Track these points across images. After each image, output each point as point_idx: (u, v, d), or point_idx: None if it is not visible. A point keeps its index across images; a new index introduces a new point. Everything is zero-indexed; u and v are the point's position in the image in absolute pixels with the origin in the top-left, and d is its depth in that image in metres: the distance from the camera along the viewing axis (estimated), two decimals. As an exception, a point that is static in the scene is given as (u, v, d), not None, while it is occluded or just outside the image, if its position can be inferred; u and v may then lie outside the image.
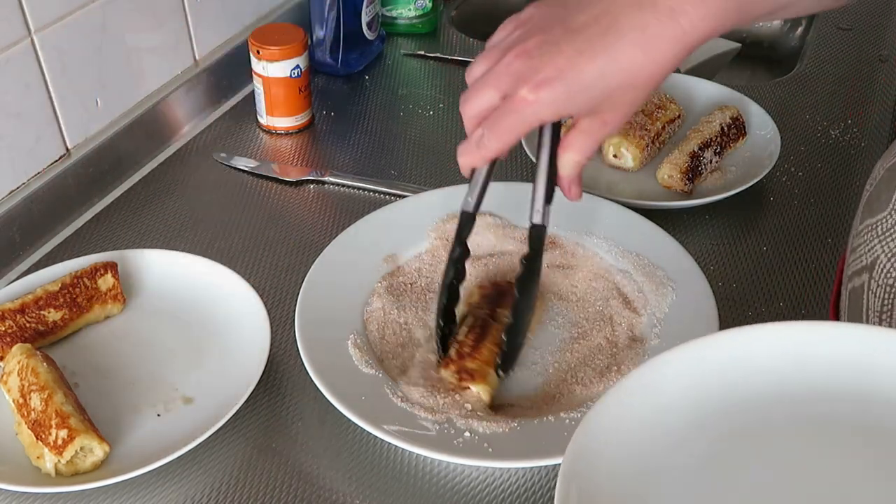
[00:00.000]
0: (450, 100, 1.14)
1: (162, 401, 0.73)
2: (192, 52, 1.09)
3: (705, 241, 0.90)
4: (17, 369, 0.70)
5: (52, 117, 0.92)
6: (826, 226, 0.92)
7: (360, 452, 0.71)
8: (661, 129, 0.99)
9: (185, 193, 0.98)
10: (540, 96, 0.59)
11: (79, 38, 0.92)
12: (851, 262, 0.64)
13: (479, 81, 0.63)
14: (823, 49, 1.22)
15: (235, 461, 0.70)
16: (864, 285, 0.61)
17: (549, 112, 0.61)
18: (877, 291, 0.59)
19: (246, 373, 0.73)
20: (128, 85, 1.01)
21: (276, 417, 0.73)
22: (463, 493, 0.68)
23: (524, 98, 0.59)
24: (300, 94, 1.06)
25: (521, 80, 0.59)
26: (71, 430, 0.65)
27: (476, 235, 0.86)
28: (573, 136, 0.64)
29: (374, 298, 0.81)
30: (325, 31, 1.15)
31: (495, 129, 0.62)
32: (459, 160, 0.67)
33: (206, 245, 0.91)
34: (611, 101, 0.60)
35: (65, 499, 0.68)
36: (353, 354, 0.74)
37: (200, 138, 1.07)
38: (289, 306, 0.82)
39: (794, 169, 1.00)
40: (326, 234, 0.91)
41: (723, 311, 0.76)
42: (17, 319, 0.75)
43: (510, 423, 0.69)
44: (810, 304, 0.83)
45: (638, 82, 0.60)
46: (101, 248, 0.90)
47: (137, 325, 0.80)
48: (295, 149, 1.06)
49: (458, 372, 0.72)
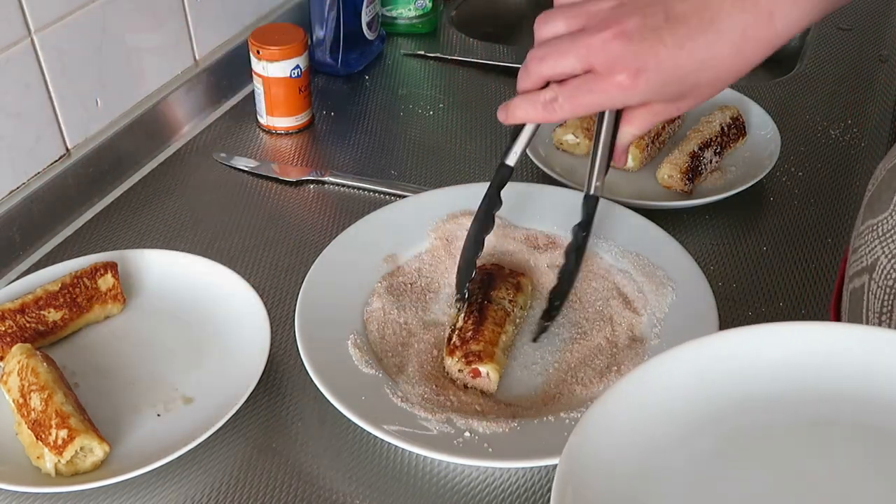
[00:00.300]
0: (450, 100, 1.14)
1: (162, 401, 0.73)
2: (192, 52, 1.09)
3: (705, 241, 0.90)
4: (17, 369, 0.70)
5: (52, 117, 0.92)
6: (826, 226, 0.92)
7: (360, 452, 0.71)
8: (661, 129, 0.99)
9: (185, 193, 0.98)
10: (636, 84, 0.59)
11: (79, 38, 0.92)
12: (852, 262, 0.64)
13: (562, 43, 0.62)
14: (823, 49, 1.22)
15: (235, 461, 0.70)
16: (864, 286, 0.61)
17: (638, 99, 0.61)
18: (877, 293, 0.59)
19: (246, 373, 0.73)
20: (128, 85, 1.01)
21: (276, 417, 0.73)
22: (463, 493, 0.68)
23: (619, 83, 0.59)
24: (300, 94, 1.06)
25: (618, 64, 0.59)
26: (71, 430, 0.65)
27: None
28: (639, 113, 0.65)
29: (374, 298, 0.81)
30: (325, 31, 1.15)
31: (575, 99, 0.62)
32: (517, 112, 0.66)
33: (206, 245, 0.91)
34: (693, 92, 0.62)
35: (65, 499, 0.68)
36: (353, 354, 0.74)
37: (200, 138, 1.07)
38: (289, 306, 0.82)
39: (794, 169, 1.00)
40: (326, 234, 0.91)
41: (723, 311, 0.76)
42: (17, 319, 0.75)
43: (510, 423, 0.69)
44: (810, 304, 0.83)
45: (725, 77, 0.61)
46: (101, 248, 0.90)
47: (137, 325, 0.80)
48: (295, 149, 1.06)
49: (464, 356, 0.72)
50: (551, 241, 0.86)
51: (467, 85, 1.18)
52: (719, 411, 0.51)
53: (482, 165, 1.02)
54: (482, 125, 1.09)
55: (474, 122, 1.10)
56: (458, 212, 0.88)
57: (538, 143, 1.01)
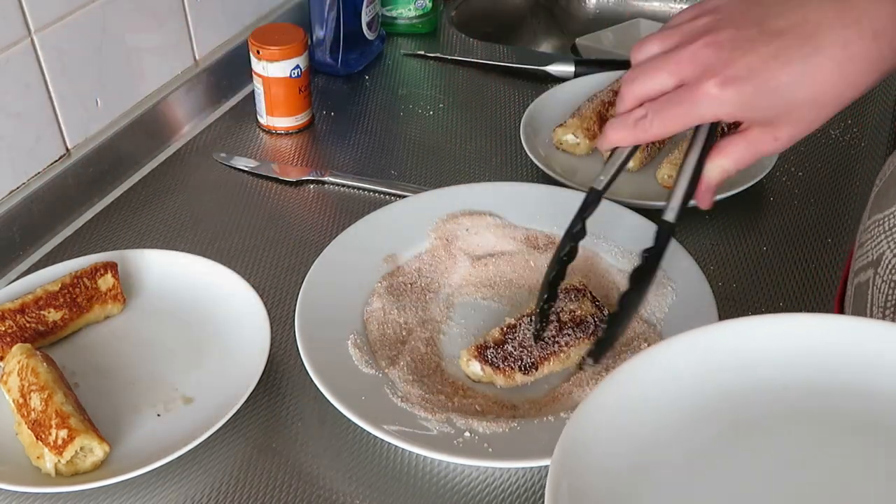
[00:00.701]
0: (450, 100, 1.14)
1: (162, 401, 0.73)
2: (192, 52, 1.09)
3: (705, 241, 0.90)
4: (17, 369, 0.70)
5: (52, 117, 0.92)
6: (826, 226, 0.92)
7: (360, 452, 0.71)
8: (661, 129, 0.99)
9: (185, 193, 0.98)
10: (725, 92, 0.56)
11: (79, 38, 0.92)
12: (858, 257, 0.63)
13: (654, 62, 0.60)
14: (823, 49, 1.22)
15: (235, 461, 0.70)
16: (869, 281, 0.60)
17: (728, 111, 0.58)
18: (881, 287, 0.59)
19: (246, 373, 0.73)
20: (128, 85, 1.01)
21: (276, 417, 0.73)
22: (463, 493, 0.68)
23: (707, 91, 0.57)
24: (300, 94, 1.06)
25: (707, 72, 0.57)
26: (71, 430, 0.65)
27: (475, 236, 0.87)
28: (735, 143, 0.61)
29: (374, 298, 0.81)
30: (325, 31, 1.15)
31: (663, 114, 0.59)
32: (609, 135, 0.63)
33: (206, 245, 0.91)
34: (791, 115, 0.58)
35: (65, 499, 0.68)
36: (353, 354, 0.74)
37: (200, 138, 1.07)
38: (289, 306, 0.82)
39: (794, 169, 1.00)
40: (326, 234, 0.91)
41: (723, 311, 0.76)
42: (17, 319, 0.75)
43: (510, 423, 0.69)
44: (810, 304, 0.83)
45: (826, 100, 0.57)
46: (101, 248, 0.90)
47: (137, 325, 0.80)
48: (295, 149, 1.06)
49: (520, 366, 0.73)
50: (551, 241, 0.86)
51: (467, 85, 1.18)
52: (716, 404, 0.51)
53: (482, 165, 1.02)
54: (482, 125, 1.09)
55: (474, 122, 1.10)
56: (458, 212, 0.88)
57: (538, 143, 1.01)
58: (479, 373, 0.73)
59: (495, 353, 0.73)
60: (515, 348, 0.73)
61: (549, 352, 0.74)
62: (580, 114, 1.01)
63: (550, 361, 0.74)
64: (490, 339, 0.74)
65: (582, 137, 1.00)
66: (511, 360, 0.73)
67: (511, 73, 1.19)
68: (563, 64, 1.18)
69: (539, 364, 0.73)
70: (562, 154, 1.01)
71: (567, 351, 0.74)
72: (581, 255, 0.84)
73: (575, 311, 0.76)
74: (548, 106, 1.06)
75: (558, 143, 1.01)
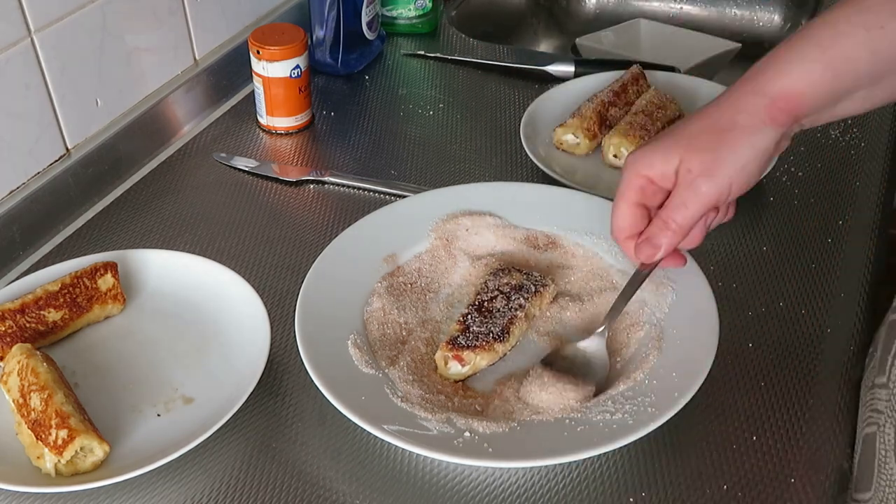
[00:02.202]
0: (450, 100, 1.14)
1: (162, 401, 0.73)
2: (192, 52, 1.09)
3: (705, 241, 0.89)
4: (17, 369, 0.70)
5: (52, 117, 0.92)
6: (826, 226, 0.92)
7: (360, 452, 0.71)
8: (661, 129, 0.99)
9: (185, 193, 0.98)
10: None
11: (79, 38, 0.92)
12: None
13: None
14: (823, 49, 1.22)
15: (235, 461, 0.70)
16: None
17: None
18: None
19: (246, 373, 0.73)
20: (128, 85, 1.01)
21: (276, 417, 0.73)
22: (463, 493, 0.68)
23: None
24: (300, 94, 1.06)
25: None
26: (71, 430, 0.65)
27: (476, 236, 0.87)
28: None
29: (374, 298, 0.81)
30: (325, 31, 1.15)
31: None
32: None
33: (206, 245, 0.91)
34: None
35: (65, 499, 0.68)
36: (353, 354, 0.74)
37: (200, 138, 1.07)
38: (289, 306, 0.82)
39: (794, 169, 1.00)
40: (326, 234, 0.91)
41: (723, 311, 0.76)
42: (17, 319, 0.75)
43: (510, 423, 0.69)
44: (810, 305, 0.83)
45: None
46: (101, 248, 0.90)
47: (137, 325, 0.80)
48: (295, 149, 1.06)
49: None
50: (551, 241, 0.86)
51: (467, 85, 1.18)
52: None
53: (482, 165, 1.02)
54: (482, 125, 1.09)
55: (474, 122, 1.10)
56: (458, 212, 0.88)
57: (538, 143, 1.01)
58: (460, 370, 0.74)
59: (465, 337, 0.75)
60: (480, 326, 0.75)
61: (510, 316, 0.76)
62: (580, 114, 1.01)
63: (516, 324, 0.76)
64: (453, 331, 0.76)
65: (582, 137, 1.00)
66: (482, 335, 0.74)
67: (511, 73, 1.19)
68: (563, 64, 1.18)
69: (507, 328, 0.75)
70: (562, 154, 1.01)
71: (525, 309, 0.77)
72: (581, 254, 0.85)
73: (511, 282, 0.79)
74: (548, 106, 1.06)
75: (558, 143, 1.01)
